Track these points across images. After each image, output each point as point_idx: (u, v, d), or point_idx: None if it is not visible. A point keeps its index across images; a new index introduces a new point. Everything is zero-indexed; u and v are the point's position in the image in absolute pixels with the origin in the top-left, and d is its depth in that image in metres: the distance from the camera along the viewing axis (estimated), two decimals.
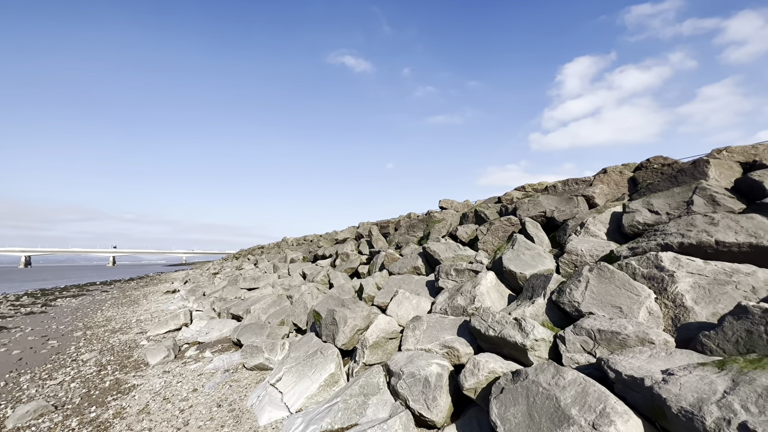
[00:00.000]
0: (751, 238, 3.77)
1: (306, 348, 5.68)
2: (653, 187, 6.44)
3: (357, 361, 4.91)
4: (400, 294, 6.32)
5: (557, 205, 7.69)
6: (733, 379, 2.20)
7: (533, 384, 2.93)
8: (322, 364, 5.02)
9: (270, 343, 6.56)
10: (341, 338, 5.46)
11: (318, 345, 5.59)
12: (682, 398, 2.22)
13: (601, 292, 4.02)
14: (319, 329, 6.03)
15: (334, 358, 5.08)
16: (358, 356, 4.92)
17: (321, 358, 5.13)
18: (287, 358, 5.57)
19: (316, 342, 5.72)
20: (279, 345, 6.49)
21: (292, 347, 5.90)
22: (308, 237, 27.14)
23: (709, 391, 2.19)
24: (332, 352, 5.19)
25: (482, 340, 4.35)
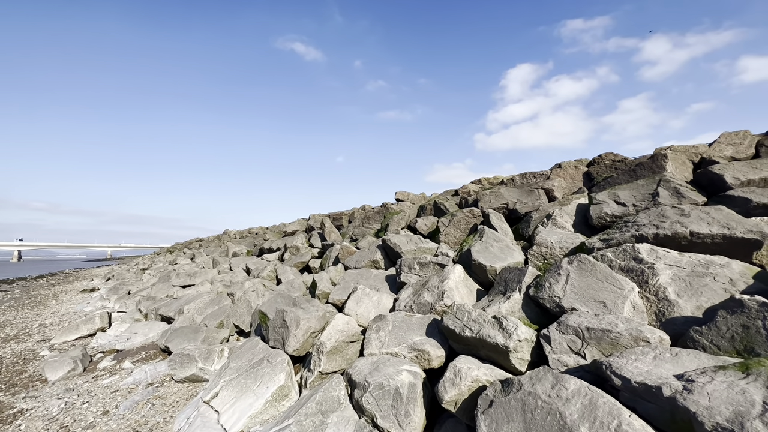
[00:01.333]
0: (724, 230, 3.71)
1: (250, 355, 4.84)
2: (612, 181, 6.49)
3: (312, 370, 4.21)
4: (359, 290, 5.70)
5: (519, 198, 7.56)
6: (767, 386, 1.90)
7: (530, 396, 2.49)
8: (270, 374, 4.24)
9: (205, 350, 5.58)
10: (293, 343, 4.70)
11: (264, 351, 4.77)
12: (716, 412, 1.88)
13: (583, 286, 3.75)
14: (266, 332, 5.20)
15: (284, 367, 4.32)
16: (313, 364, 4.22)
17: (268, 368, 4.34)
18: (226, 368, 4.68)
19: (262, 348, 4.90)
20: (216, 352, 5.54)
21: (233, 355, 5.01)
22: (253, 229, 25.36)
23: (745, 403, 1.86)
24: (282, 359, 4.43)
25: (456, 341, 3.89)
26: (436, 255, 6.04)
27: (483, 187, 11.42)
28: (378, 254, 7.60)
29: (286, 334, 4.79)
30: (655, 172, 5.80)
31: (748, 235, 3.60)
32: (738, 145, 6.15)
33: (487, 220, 7.12)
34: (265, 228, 24.00)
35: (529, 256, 5.31)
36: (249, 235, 22.49)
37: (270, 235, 18.03)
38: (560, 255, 5.07)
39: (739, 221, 3.76)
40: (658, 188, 4.99)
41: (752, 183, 4.59)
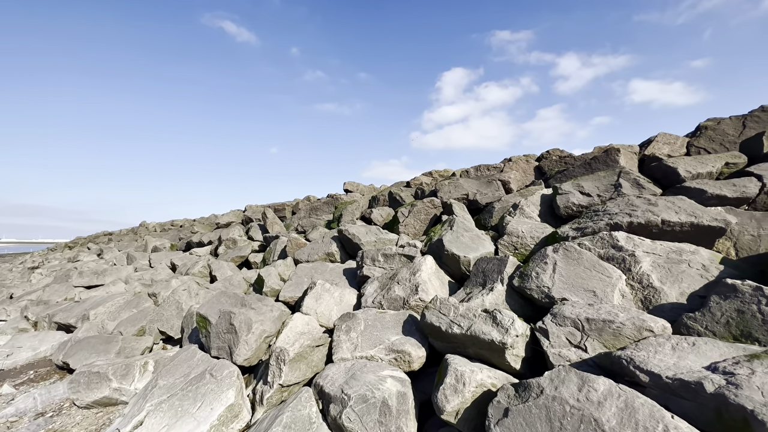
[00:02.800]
0: (691, 218, 3.83)
1: (185, 369, 3.91)
2: (569, 173, 6.67)
3: (269, 382, 3.48)
4: (318, 285, 5.03)
5: (478, 189, 7.47)
6: None
7: (555, 401, 2.15)
8: (215, 392, 3.41)
9: (122, 365, 4.46)
10: (243, 351, 3.90)
11: (205, 363, 3.89)
12: None
13: (571, 275, 3.59)
14: (207, 339, 4.29)
15: (232, 381, 3.52)
16: (271, 375, 3.49)
17: (212, 384, 3.51)
18: (153, 387, 3.71)
19: (201, 358, 4.00)
20: (137, 366, 4.45)
21: (162, 369, 4.02)
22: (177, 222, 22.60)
23: None
24: (229, 372, 3.61)
25: (440, 339, 3.48)
26: (402, 246, 5.60)
27: (435, 180, 11.32)
28: (333, 246, 6.94)
29: (234, 341, 3.96)
30: (609, 166, 6.04)
31: (714, 223, 3.74)
32: (672, 144, 6.71)
33: (449, 210, 6.89)
34: (192, 220, 21.54)
35: (500, 246, 5.13)
36: (172, 228, 19.96)
37: (199, 227, 16.10)
38: (531, 245, 4.97)
39: (703, 210, 3.92)
40: (619, 179, 5.13)
41: (701, 176, 4.95)
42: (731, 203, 4.28)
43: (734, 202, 4.27)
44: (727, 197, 4.28)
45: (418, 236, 7.27)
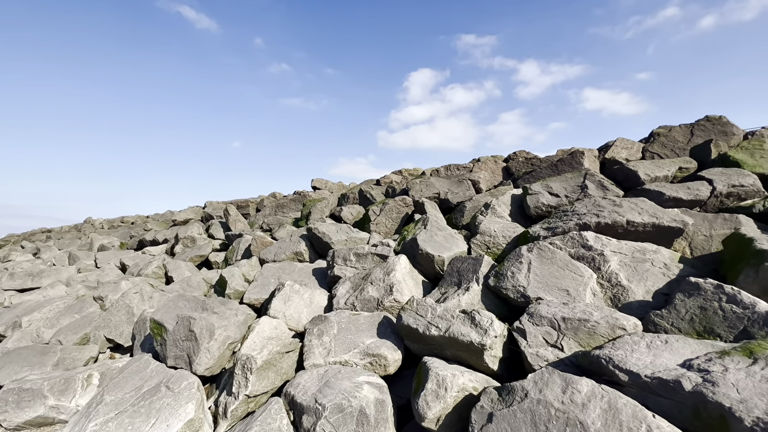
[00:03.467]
0: (653, 219, 4.01)
1: (137, 381, 3.52)
2: (537, 174, 6.85)
3: (234, 393, 3.20)
4: (287, 287, 4.77)
5: (450, 188, 7.50)
6: None
7: (540, 405, 2.11)
8: (172, 406, 3.09)
9: (60, 379, 3.95)
10: (205, 360, 3.58)
11: (160, 374, 3.53)
12: (752, 406, 1.74)
13: (545, 274, 3.63)
14: (162, 348, 3.91)
15: (192, 393, 3.20)
16: (236, 385, 3.22)
17: (169, 397, 3.17)
18: (99, 403, 3.31)
19: (156, 369, 3.62)
20: (80, 380, 3.97)
21: (110, 383, 3.60)
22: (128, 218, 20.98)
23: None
24: (189, 384, 3.29)
25: (417, 341, 3.39)
26: (374, 245, 5.46)
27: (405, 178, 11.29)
28: (302, 245, 6.67)
29: (194, 349, 3.63)
30: (574, 168, 6.26)
31: (673, 223, 3.94)
32: (630, 149, 7.10)
33: (421, 209, 6.85)
34: (146, 217, 20.07)
35: (473, 245, 5.15)
36: (122, 225, 18.49)
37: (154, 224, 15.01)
38: (503, 244, 5.03)
39: (663, 211, 4.12)
40: (585, 181, 5.32)
41: (658, 179, 5.24)
42: (686, 205, 4.56)
43: (689, 204, 4.55)
44: (683, 199, 4.55)
45: (390, 235, 7.17)
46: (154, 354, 4.07)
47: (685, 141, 6.71)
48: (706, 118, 6.88)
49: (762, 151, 4.98)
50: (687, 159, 5.68)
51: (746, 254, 3.06)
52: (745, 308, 2.64)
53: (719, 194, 4.55)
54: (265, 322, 4.08)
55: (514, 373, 3.25)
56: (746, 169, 4.72)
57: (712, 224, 4.15)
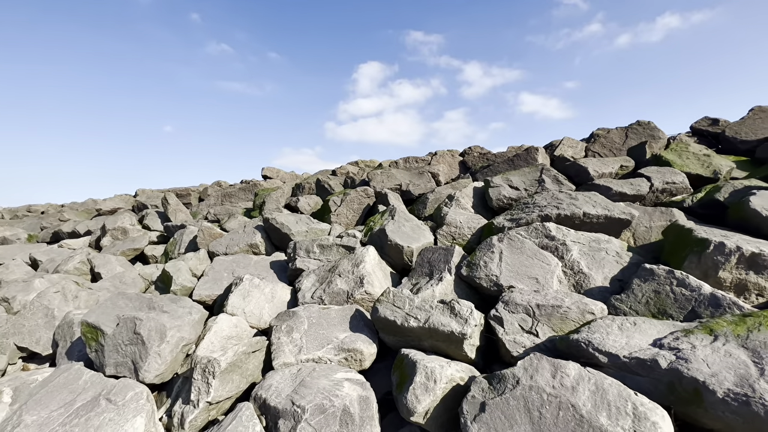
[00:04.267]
0: (605, 211, 4.33)
1: (66, 395, 2.98)
2: (494, 169, 7.10)
3: (193, 401, 2.84)
4: (246, 281, 4.39)
5: (411, 179, 7.50)
6: (743, 346, 2.05)
7: (532, 391, 2.13)
8: (115, 422, 2.65)
9: None
10: (155, 365, 3.14)
11: (97, 386, 3.02)
12: (722, 379, 1.90)
13: (516, 263, 3.74)
14: (99, 355, 3.36)
15: (141, 405, 2.78)
16: (197, 391, 2.86)
17: (110, 412, 2.72)
18: (16, 425, 2.73)
19: (90, 380, 3.09)
20: None
21: (27, 400, 3.00)
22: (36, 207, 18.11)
23: (739, 365, 1.95)
24: (135, 394, 2.85)
25: (393, 334, 3.30)
26: (339, 236, 5.25)
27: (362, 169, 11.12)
28: (258, 237, 6.22)
29: (140, 354, 3.16)
30: (529, 163, 6.59)
31: (623, 215, 4.29)
32: (575, 147, 7.67)
33: (383, 200, 6.75)
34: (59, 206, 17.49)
35: (439, 236, 5.18)
36: (30, 215, 15.91)
37: (71, 214, 13.11)
38: (468, 235, 5.12)
39: (613, 204, 4.47)
40: (542, 176, 5.61)
41: (604, 175, 5.71)
42: (629, 199, 5.01)
43: (632, 199, 5.01)
44: (627, 194, 4.99)
45: (351, 226, 6.98)
46: (87, 362, 3.49)
47: (621, 142, 7.40)
48: (638, 122, 7.65)
49: (687, 153, 5.66)
50: (626, 158, 6.28)
51: (688, 242, 3.41)
52: (692, 291, 2.93)
53: (656, 190, 5.07)
54: (224, 321, 3.71)
55: (489, 361, 3.32)
56: (676, 168, 5.33)
57: (651, 217, 4.60)
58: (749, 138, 6.17)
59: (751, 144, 6.10)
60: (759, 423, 1.76)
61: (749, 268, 3.07)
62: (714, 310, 2.77)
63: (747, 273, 3.08)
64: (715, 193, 4.44)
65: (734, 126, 6.58)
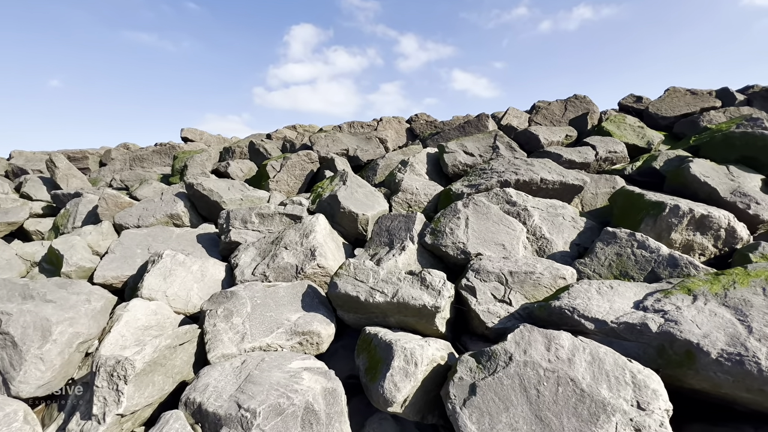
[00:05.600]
0: (560, 177, 4.33)
1: None
2: (445, 135, 6.86)
3: (97, 415, 2.15)
4: (167, 258, 3.59)
5: (359, 144, 6.95)
6: (725, 304, 2.03)
7: (527, 367, 1.89)
8: None
9: None
10: (36, 374, 2.31)
11: None
12: (714, 339, 1.84)
13: (482, 230, 3.52)
14: None
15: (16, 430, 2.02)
16: (101, 402, 2.17)
17: None
18: None
19: None
20: None
21: None
22: None
23: (727, 325, 1.91)
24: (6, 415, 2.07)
25: (354, 311, 2.90)
26: (282, 204, 4.59)
27: (300, 134, 10.20)
28: (180, 206, 5.23)
29: (12, 360, 2.30)
30: (480, 130, 6.47)
31: (576, 182, 4.33)
32: (519, 117, 7.76)
33: (329, 166, 6.15)
34: None
35: (394, 203, 4.81)
36: None
37: None
38: (424, 202, 4.84)
39: (567, 171, 4.50)
40: (496, 142, 5.49)
41: (553, 143, 5.79)
42: (578, 167, 5.13)
43: (580, 166, 5.14)
44: (576, 162, 5.10)
45: (293, 194, 6.28)
46: None
47: (560, 114, 7.66)
48: (575, 96, 7.97)
49: (625, 125, 6.00)
50: (570, 128, 6.49)
51: (643, 206, 3.49)
52: (651, 252, 2.97)
53: (600, 158, 5.26)
54: (139, 307, 2.94)
55: (457, 333, 3.11)
56: (616, 138, 5.60)
57: (597, 184, 4.75)
58: (668, 114, 6.76)
59: (669, 120, 6.69)
60: (750, 381, 1.73)
61: (696, 229, 3.22)
62: (672, 270, 2.83)
63: (694, 234, 3.23)
64: (652, 161, 4.70)
65: (656, 103, 7.17)
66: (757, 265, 2.20)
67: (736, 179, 3.83)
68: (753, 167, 4.05)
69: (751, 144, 4.12)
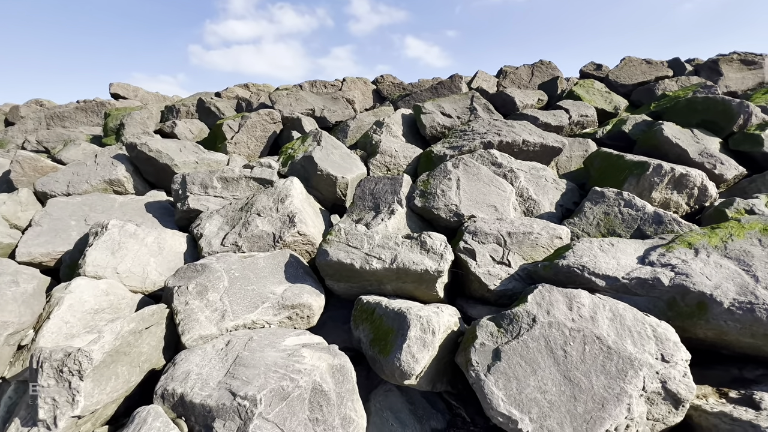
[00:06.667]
0: (541, 139, 4.30)
1: None
2: (417, 97, 6.55)
3: (45, 420, 1.73)
4: (114, 229, 3.04)
5: (325, 104, 6.41)
6: (727, 256, 2.08)
7: (552, 328, 1.81)
8: None
9: None
10: None
11: None
12: (727, 290, 1.87)
13: (474, 191, 3.38)
14: None
15: None
16: (50, 404, 1.75)
17: None
18: None
19: None
20: None
21: None
22: None
23: (734, 275, 1.95)
24: None
25: (347, 279, 2.66)
26: (248, 167, 4.08)
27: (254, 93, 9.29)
28: (120, 170, 4.48)
29: None
30: (454, 91, 6.25)
31: (556, 143, 4.32)
32: (488, 81, 7.64)
33: (295, 126, 5.61)
34: None
35: (372, 166, 4.51)
36: None
37: None
38: (404, 165, 4.59)
39: (546, 134, 4.47)
40: (473, 104, 5.31)
41: (528, 106, 5.74)
42: (553, 130, 5.15)
43: (554, 129, 5.16)
44: (551, 125, 5.11)
45: (254, 158, 5.69)
46: None
47: (527, 79, 7.66)
48: (541, 61, 7.98)
49: (593, 90, 6.12)
50: (540, 92, 6.49)
51: (625, 166, 3.55)
52: (637, 210, 3.03)
53: (572, 122, 5.32)
54: (84, 287, 2.45)
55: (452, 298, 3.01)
56: (586, 102, 5.69)
57: (571, 147, 4.80)
58: (627, 83, 7.02)
59: (627, 88, 6.96)
60: (757, 326, 1.78)
61: (674, 188, 3.34)
62: (657, 227, 2.91)
63: (671, 193, 3.36)
64: (622, 125, 4.83)
65: (615, 71, 7.40)
66: (750, 218, 2.28)
67: (700, 141, 4.04)
68: (712, 131, 4.31)
69: (712, 109, 4.37)
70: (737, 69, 6.48)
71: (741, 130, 4.16)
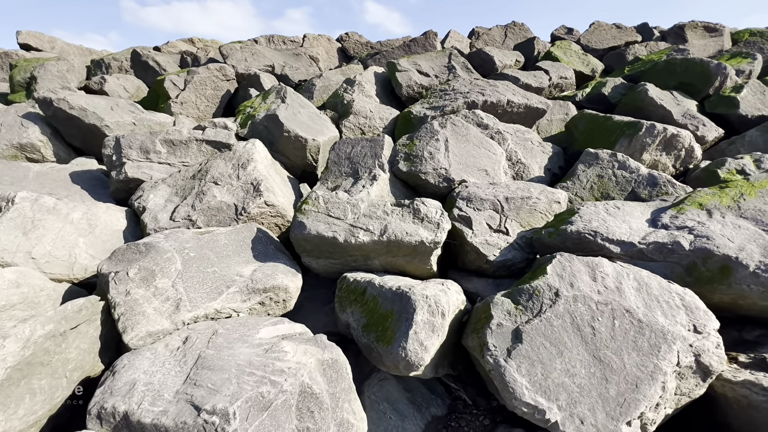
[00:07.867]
0: (525, 100, 4.05)
1: None
2: (388, 54, 6.00)
3: None
4: (24, 204, 2.40)
5: (287, 61, 5.71)
6: (742, 216, 1.95)
7: (578, 302, 1.58)
8: None
9: None
10: None
11: None
12: (751, 251, 1.74)
13: (463, 154, 3.06)
14: None
15: None
16: None
17: None
18: None
19: None
20: None
21: None
22: None
23: (755, 236, 1.83)
24: None
25: (327, 255, 2.30)
26: (200, 128, 3.46)
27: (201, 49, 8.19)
28: (34, 132, 3.65)
29: None
30: (428, 49, 5.80)
31: (540, 105, 4.09)
32: (461, 41, 7.22)
33: (253, 83, 4.92)
34: None
35: (344, 128, 4.04)
36: None
37: None
38: (380, 127, 4.16)
39: (530, 94, 4.21)
40: (451, 62, 4.92)
41: (506, 66, 5.43)
42: (534, 91, 4.91)
43: (535, 90, 4.93)
44: (532, 86, 4.86)
45: (205, 119, 4.96)
46: None
47: (500, 40, 7.33)
48: (513, 23, 7.66)
49: (570, 51, 5.92)
50: (517, 53, 6.20)
51: (615, 127, 3.39)
52: (632, 173, 2.90)
53: (552, 84, 5.12)
54: None
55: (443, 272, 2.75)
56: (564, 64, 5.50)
57: (552, 110, 4.61)
58: (598, 47, 6.93)
59: (599, 52, 6.87)
60: None
61: (664, 149, 3.25)
62: (651, 189, 2.80)
63: (661, 154, 3.26)
64: (601, 88, 4.70)
65: (586, 35, 7.27)
66: (759, 176, 2.18)
67: (681, 103, 3.98)
68: (688, 93, 4.29)
69: (690, 70, 4.32)
70: (701, 36, 6.57)
71: (716, 93, 4.15)
